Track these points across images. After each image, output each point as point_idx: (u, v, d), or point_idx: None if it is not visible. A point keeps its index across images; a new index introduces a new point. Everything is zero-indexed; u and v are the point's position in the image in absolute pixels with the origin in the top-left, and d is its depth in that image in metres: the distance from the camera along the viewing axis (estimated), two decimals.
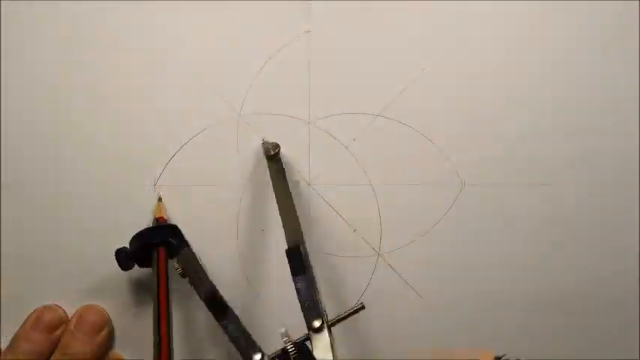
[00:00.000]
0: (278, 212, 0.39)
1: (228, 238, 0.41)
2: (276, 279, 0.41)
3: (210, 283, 0.36)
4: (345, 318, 0.35)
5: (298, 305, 0.35)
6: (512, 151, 0.41)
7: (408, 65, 0.41)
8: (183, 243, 0.37)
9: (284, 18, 0.41)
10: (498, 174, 0.41)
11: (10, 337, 0.37)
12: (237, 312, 0.35)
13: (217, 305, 0.35)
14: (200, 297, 0.35)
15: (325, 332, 0.33)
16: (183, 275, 0.36)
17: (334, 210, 0.42)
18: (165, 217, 0.39)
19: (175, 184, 0.40)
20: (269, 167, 0.40)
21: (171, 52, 0.40)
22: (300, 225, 0.38)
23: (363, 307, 0.35)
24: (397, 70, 0.40)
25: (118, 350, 0.40)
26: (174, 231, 0.38)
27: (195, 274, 0.36)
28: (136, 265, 0.37)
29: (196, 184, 0.40)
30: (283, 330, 0.33)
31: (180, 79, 0.40)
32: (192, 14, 0.40)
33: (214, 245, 0.41)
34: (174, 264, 0.36)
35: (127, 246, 0.37)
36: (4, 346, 0.37)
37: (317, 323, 0.34)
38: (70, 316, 0.39)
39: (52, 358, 0.37)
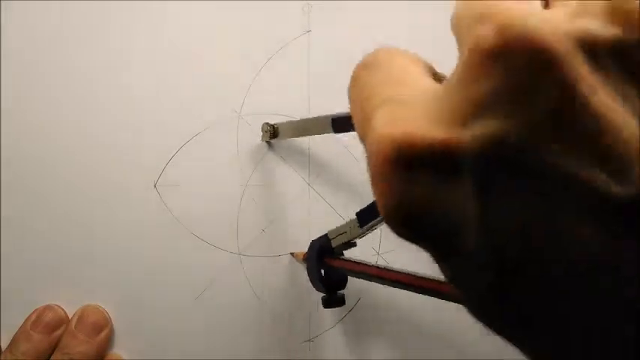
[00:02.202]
0: (278, 212, 0.39)
1: (228, 238, 0.41)
2: (276, 279, 0.41)
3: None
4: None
5: (298, 305, 0.35)
6: None
7: None
8: None
9: (284, 18, 0.41)
10: None
11: (10, 337, 0.37)
12: (237, 312, 0.35)
13: None
14: None
15: None
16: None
17: (334, 210, 0.42)
18: None
19: (175, 184, 0.40)
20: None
21: (172, 52, 0.40)
22: None
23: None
24: None
25: (117, 350, 0.40)
26: None
27: None
28: (136, 266, 0.37)
29: (196, 184, 0.40)
30: None
31: (180, 79, 0.40)
32: (193, 15, 0.40)
33: (214, 245, 0.41)
34: None
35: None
36: (4, 346, 0.37)
37: None
38: (70, 316, 0.39)
39: (52, 358, 0.37)
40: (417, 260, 0.43)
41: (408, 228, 0.14)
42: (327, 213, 0.42)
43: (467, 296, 0.14)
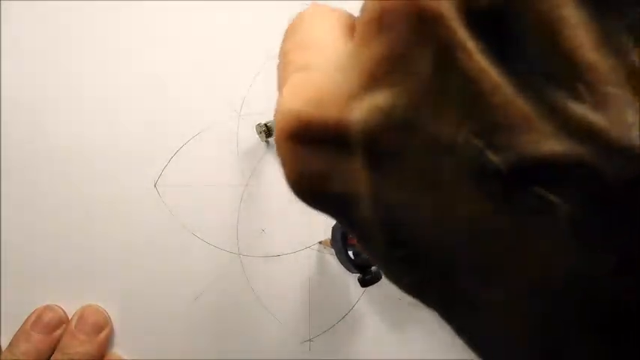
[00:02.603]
0: (278, 212, 0.39)
1: (228, 238, 0.41)
2: (276, 279, 0.41)
3: None
4: None
5: (298, 305, 0.35)
6: None
7: None
8: None
9: (284, 18, 0.41)
10: None
11: (10, 337, 0.37)
12: (237, 312, 0.35)
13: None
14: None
15: None
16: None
17: None
18: None
19: (175, 184, 0.40)
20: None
21: (172, 52, 0.40)
22: None
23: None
24: None
25: (117, 350, 0.40)
26: None
27: None
28: (136, 266, 0.37)
29: (196, 184, 0.40)
30: None
31: (180, 79, 0.40)
32: (193, 15, 0.40)
33: (214, 245, 0.41)
34: None
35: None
36: (4, 346, 0.37)
37: None
38: (70, 316, 0.39)
39: (52, 358, 0.37)
40: None
41: (310, 199, 0.14)
42: None
43: (378, 266, 0.14)
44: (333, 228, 0.37)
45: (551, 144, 0.10)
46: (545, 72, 0.11)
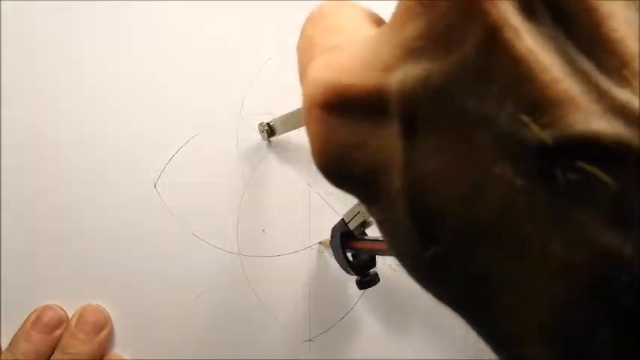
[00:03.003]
0: (278, 212, 0.39)
1: (228, 238, 0.41)
2: (276, 279, 0.41)
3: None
4: None
5: (298, 305, 0.35)
6: None
7: None
8: None
9: (284, 18, 0.41)
10: None
11: (10, 337, 0.37)
12: (237, 312, 0.35)
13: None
14: None
15: None
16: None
17: (334, 210, 0.42)
18: None
19: (175, 184, 0.40)
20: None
21: (172, 52, 0.40)
22: None
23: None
24: None
25: (117, 350, 0.40)
26: None
27: None
28: (137, 266, 0.37)
29: (196, 184, 0.40)
30: None
31: (180, 79, 0.40)
32: (193, 15, 0.40)
33: (214, 245, 0.41)
34: None
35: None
36: (4, 346, 0.37)
37: None
38: (70, 316, 0.39)
39: (52, 358, 0.37)
40: None
41: (337, 172, 0.14)
42: (327, 213, 0.42)
43: (394, 246, 0.14)
44: (333, 228, 0.37)
45: (598, 123, 0.10)
46: (591, 57, 0.11)
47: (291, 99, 0.41)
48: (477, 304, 0.12)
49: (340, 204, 0.42)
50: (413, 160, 0.12)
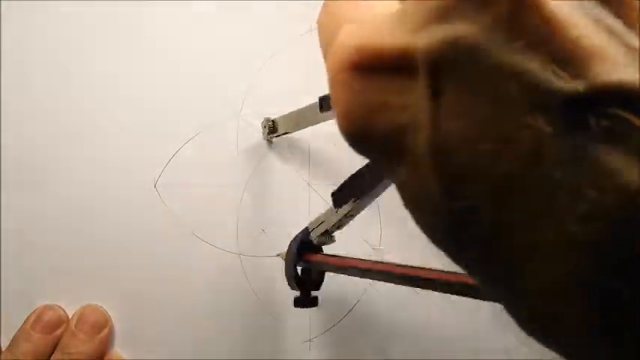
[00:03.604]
0: (278, 212, 0.39)
1: (228, 238, 0.41)
2: (276, 279, 0.41)
3: None
4: None
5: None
6: None
7: None
8: None
9: (284, 18, 0.41)
10: None
11: (10, 337, 0.37)
12: (237, 312, 0.35)
13: None
14: None
15: None
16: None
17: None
18: None
19: (175, 185, 0.40)
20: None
21: (172, 52, 0.40)
22: None
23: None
24: None
25: (117, 350, 0.40)
26: None
27: None
28: (137, 266, 0.37)
29: (196, 184, 0.40)
30: None
31: (180, 79, 0.40)
32: (193, 15, 0.40)
33: (214, 245, 0.41)
34: None
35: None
36: (4, 346, 0.37)
37: None
38: (70, 316, 0.39)
39: (52, 358, 0.37)
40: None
41: (361, 135, 0.15)
42: None
43: (416, 209, 0.14)
44: (291, 242, 0.36)
45: (628, 72, 0.11)
46: (618, 17, 0.12)
47: (291, 99, 0.41)
48: (501, 256, 0.12)
49: None
50: (439, 119, 0.13)
